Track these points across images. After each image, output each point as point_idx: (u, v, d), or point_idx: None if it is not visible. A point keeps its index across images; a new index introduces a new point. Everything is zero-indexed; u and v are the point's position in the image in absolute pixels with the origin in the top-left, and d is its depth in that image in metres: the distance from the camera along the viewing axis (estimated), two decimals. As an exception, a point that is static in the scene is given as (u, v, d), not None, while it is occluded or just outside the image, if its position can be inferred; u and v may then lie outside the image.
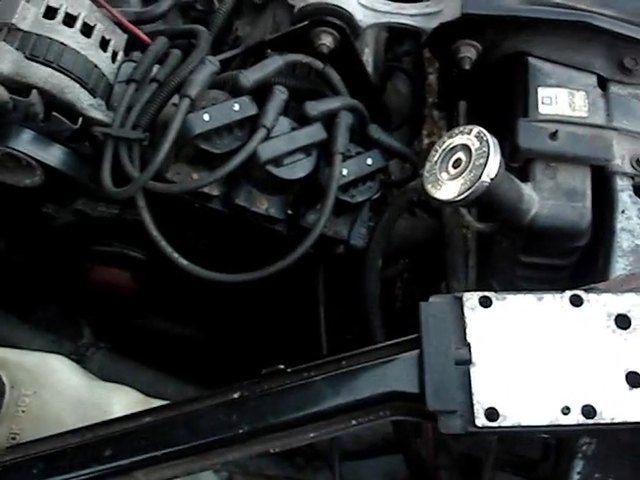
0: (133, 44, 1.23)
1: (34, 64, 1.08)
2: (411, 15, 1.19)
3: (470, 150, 0.96)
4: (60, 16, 1.13)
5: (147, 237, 1.12)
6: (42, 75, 1.08)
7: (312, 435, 0.89)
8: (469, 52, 1.16)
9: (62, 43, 1.11)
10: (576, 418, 0.82)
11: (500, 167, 0.95)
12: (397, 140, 1.30)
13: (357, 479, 1.34)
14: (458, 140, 0.99)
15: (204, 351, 1.43)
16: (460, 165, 0.97)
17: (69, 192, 1.22)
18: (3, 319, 1.37)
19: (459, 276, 1.23)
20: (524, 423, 0.82)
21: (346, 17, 1.17)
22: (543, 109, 1.08)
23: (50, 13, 1.12)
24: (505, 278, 1.15)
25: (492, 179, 0.94)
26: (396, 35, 1.48)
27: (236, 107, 1.09)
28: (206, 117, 1.07)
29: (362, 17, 1.18)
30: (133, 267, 1.31)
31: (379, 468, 1.37)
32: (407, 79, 1.52)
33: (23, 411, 1.01)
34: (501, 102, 1.16)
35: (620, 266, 0.99)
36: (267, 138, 1.10)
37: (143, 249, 1.28)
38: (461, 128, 1.00)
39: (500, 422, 0.82)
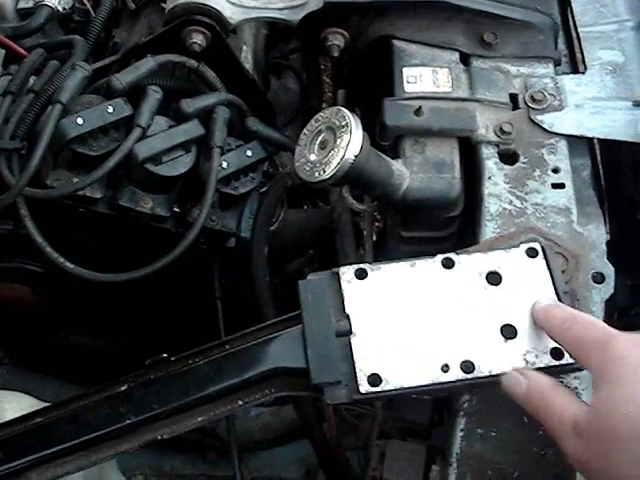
0: (15, 59, 1.25)
1: None
2: (279, 9, 1.22)
3: (334, 130, 0.99)
4: None
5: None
6: None
7: (200, 419, 0.91)
8: (337, 40, 1.20)
9: None
10: (456, 374, 0.86)
11: (363, 143, 0.98)
12: (283, 132, 1.33)
13: (270, 468, 1.36)
14: (323, 122, 1.02)
15: (113, 357, 1.43)
16: (326, 146, 1.00)
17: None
18: None
19: (350, 259, 1.26)
20: (406, 385, 0.86)
21: (214, 15, 1.19)
22: (408, 88, 1.11)
23: None
24: (395, 257, 1.18)
25: (356, 155, 0.97)
26: (281, 33, 1.51)
27: (110, 109, 1.11)
28: (80, 121, 1.09)
29: (231, 14, 1.20)
30: (32, 281, 1.31)
31: (293, 455, 1.39)
32: (295, 76, 1.56)
33: None
34: (374, 86, 1.19)
35: (489, 230, 1.02)
36: (143, 137, 1.11)
37: (41, 262, 1.28)
38: (325, 111, 1.03)
39: (383, 386, 0.86)
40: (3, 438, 0.92)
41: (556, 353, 0.85)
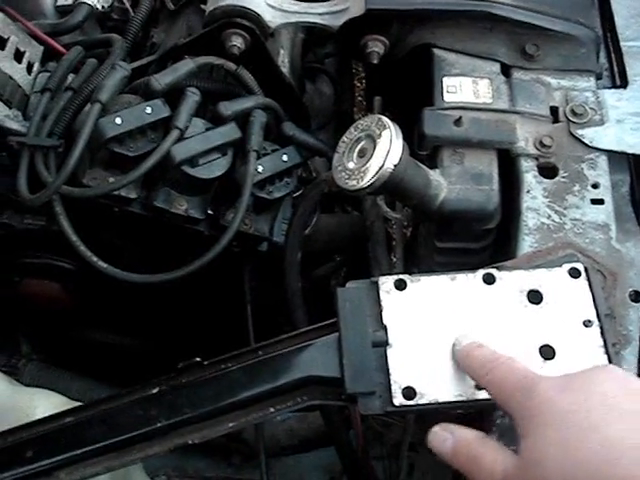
0: (53, 55, 1.25)
1: (-54, 77, 1.09)
2: (319, 14, 1.22)
3: (374, 139, 0.99)
4: (-27, 31, 1.15)
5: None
6: (-46, 88, 1.09)
7: (231, 425, 0.91)
8: (376, 47, 1.19)
9: (-25, 57, 1.13)
10: None
11: (403, 153, 0.97)
12: (320, 138, 1.33)
13: (295, 474, 1.36)
14: (362, 130, 1.01)
15: (141, 357, 1.43)
16: (365, 154, 0.99)
17: (-6, 205, 1.23)
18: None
19: (383, 267, 1.25)
20: (440, 400, 0.85)
21: (255, 18, 1.18)
22: (448, 97, 1.10)
23: (-37, 28, 1.13)
24: (427, 266, 1.17)
25: (395, 165, 0.97)
26: (317, 37, 1.51)
27: (148, 110, 1.11)
28: (118, 120, 1.08)
29: (271, 18, 1.20)
30: (63, 278, 1.31)
31: (317, 462, 1.39)
32: (330, 81, 1.55)
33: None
34: (412, 94, 1.18)
35: (527, 244, 1.01)
36: (181, 139, 1.11)
37: (71, 259, 1.28)
38: (366, 118, 1.02)
39: (417, 400, 0.85)
40: (33, 437, 0.92)
41: None
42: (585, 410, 0.70)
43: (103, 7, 1.33)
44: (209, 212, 1.19)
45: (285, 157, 1.20)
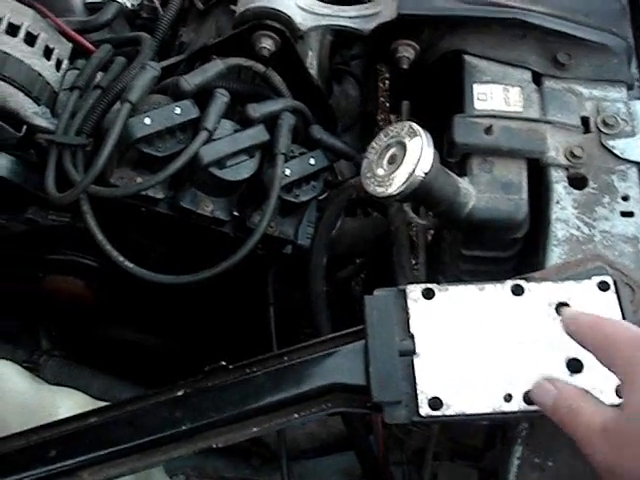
0: (81, 53, 1.25)
1: (-24, 74, 1.09)
2: (350, 17, 1.21)
3: (404, 145, 0.98)
4: (3, 26, 1.14)
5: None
6: (-16, 84, 1.08)
7: (255, 430, 0.91)
8: (407, 52, 1.18)
9: (5, 52, 1.12)
10: (518, 405, 0.84)
11: (434, 161, 0.97)
12: (345, 141, 1.33)
13: (314, 477, 1.35)
14: (393, 136, 1.01)
15: (162, 356, 1.44)
16: (395, 161, 0.99)
17: (19, 201, 1.23)
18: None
19: (406, 273, 1.25)
20: (467, 411, 0.85)
21: (285, 20, 1.18)
22: (479, 105, 1.10)
23: (-7, 24, 1.13)
24: (451, 273, 1.17)
25: (426, 173, 0.96)
26: (344, 39, 1.50)
27: (177, 110, 1.10)
28: (147, 121, 1.08)
29: (301, 20, 1.20)
30: (86, 275, 1.32)
31: (336, 466, 1.38)
32: (356, 82, 1.55)
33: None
34: (441, 100, 1.18)
35: (555, 255, 1.01)
36: (209, 140, 1.11)
37: (96, 256, 1.28)
38: (396, 125, 1.02)
39: (444, 411, 0.84)
40: (57, 436, 0.92)
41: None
42: None
43: (132, 5, 1.34)
44: (235, 214, 1.18)
45: (312, 160, 1.20)
